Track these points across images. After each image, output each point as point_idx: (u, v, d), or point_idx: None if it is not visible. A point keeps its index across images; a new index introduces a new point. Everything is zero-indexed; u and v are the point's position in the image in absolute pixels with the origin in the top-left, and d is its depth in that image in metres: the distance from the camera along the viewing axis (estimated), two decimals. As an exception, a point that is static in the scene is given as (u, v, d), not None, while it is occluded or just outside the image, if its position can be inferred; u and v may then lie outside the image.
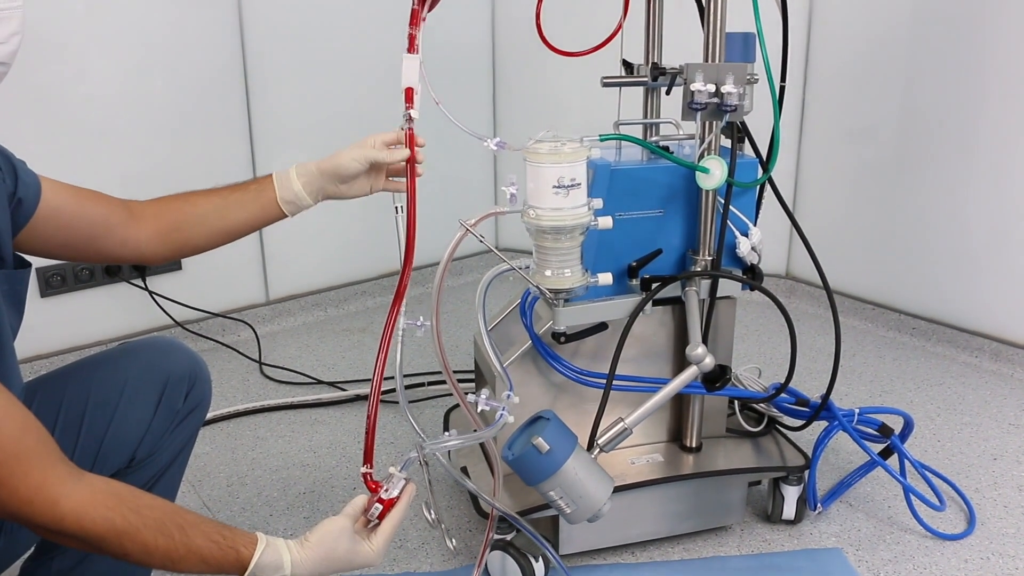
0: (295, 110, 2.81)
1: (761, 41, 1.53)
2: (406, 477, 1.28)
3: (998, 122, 2.44)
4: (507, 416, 1.30)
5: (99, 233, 1.34)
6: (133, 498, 1.06)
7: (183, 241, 1.41)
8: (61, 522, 1.01)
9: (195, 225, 1.41)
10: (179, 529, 1.07)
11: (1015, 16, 2.35)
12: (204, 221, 1.41)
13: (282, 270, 2.94)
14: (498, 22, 3.27)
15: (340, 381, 2.52)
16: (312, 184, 1.42)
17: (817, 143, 2.96)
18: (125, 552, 1.04)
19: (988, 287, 2.56)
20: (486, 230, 3.46)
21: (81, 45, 2.39)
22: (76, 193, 1.32)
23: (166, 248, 1.41)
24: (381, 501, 1.24)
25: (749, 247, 1.62)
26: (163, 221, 1.39)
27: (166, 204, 1.41)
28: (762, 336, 2.81)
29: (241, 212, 1.42)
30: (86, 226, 1.32)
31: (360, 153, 1.39)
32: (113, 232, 1.35)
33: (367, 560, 1.21)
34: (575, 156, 1.32)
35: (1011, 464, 2.05)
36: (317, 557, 1.15)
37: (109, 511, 1.03)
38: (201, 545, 1.08)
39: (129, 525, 1.03)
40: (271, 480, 2.02)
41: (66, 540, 1.04)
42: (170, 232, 1.40)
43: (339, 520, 1.20)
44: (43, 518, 1.00)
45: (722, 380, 1.57)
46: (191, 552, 1.07)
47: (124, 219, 1.36)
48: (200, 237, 1.42)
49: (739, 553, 1.74)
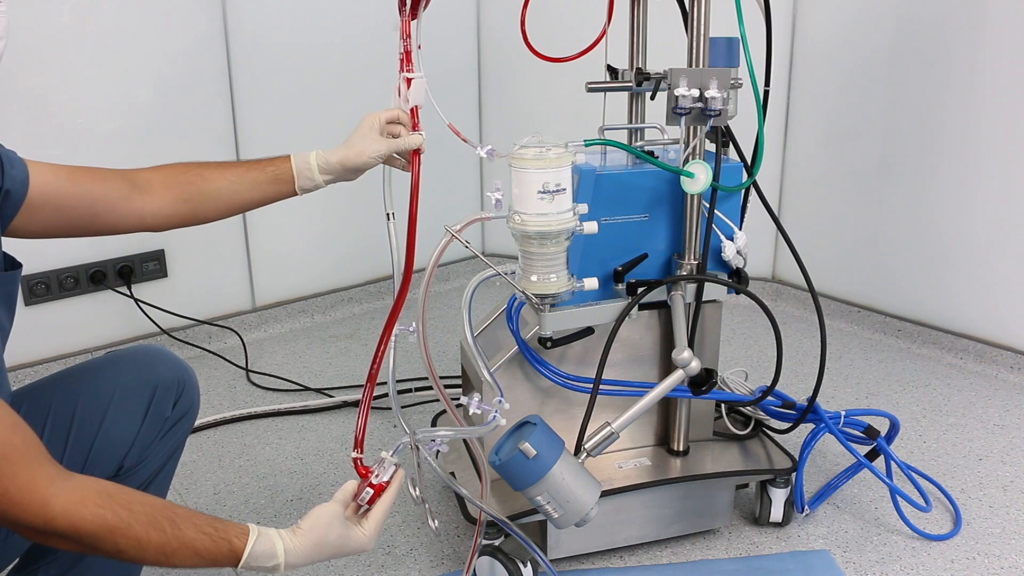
0: (280, 115, 2.81)
1: (745, 46, 1.54)
2: (396, 463, 1.28)
3: (981, 126, 2.46)
4: (500, 418, 1.31)
5: (101, 210, 1.34)
6: (123, 495, 1.06)
7: (191, 212, 1.41)
8: (52, 522, 1.00)
9: (207, 199, 1.41)
10: (171, 523, 1.07)
11: (998, 20, 2.38)
12: (217, 196, 1.41)
13: (268, 277, 2.93)
14: (483, 30, 3.28)
15: (327, 388, 2.51)
16: (332, 176, 1.44)
17: (802, 147, 2.97)
18: (118, 549, 1.03)
19: (973, 289, 2.58)
20: (472, 236, 3.46)
21: (66, 52, 2.38)
22: (71, 173, 1.31)
23: (174, 218, 1.41)
24: (372, 486, 1.24)
25: (735, 251, 1.63)
26: (173, 192, 1.39)
27: (177, 174, 1.41)
28: (748, 339, 2.82)
29: (255, 192, 1.42)
30: (86, 205, 1.32)
31: (377, 148, 1.40)
32: (116, 207, 1.35)
33: (359, 545, 1.20)
34: (560, 161, 1.33)
35: (996, 464, 2.06)
36: (310, 544, 1.15)
37: (100, 508, 1.02)
38: (194, 537, 1.07)
39: (121, 521, 1.03)
40: (259, 487, 2.01)
41: (57, 541, 1.03)
42: (179, 203, 1.40)
43: (330, 506, 1.20)
44: (33, 519, 0.99)
45: (708, 384, 1.57)
46: (184, 545, 1.07)
47: (126, 192, 1.36)
48: (210, 211, 1.42)
49: (727, 556, 1.74)
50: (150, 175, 1.40)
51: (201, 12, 2.60)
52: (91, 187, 1.33)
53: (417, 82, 1.35)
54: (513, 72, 3.27)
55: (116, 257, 2.57)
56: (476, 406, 1.31)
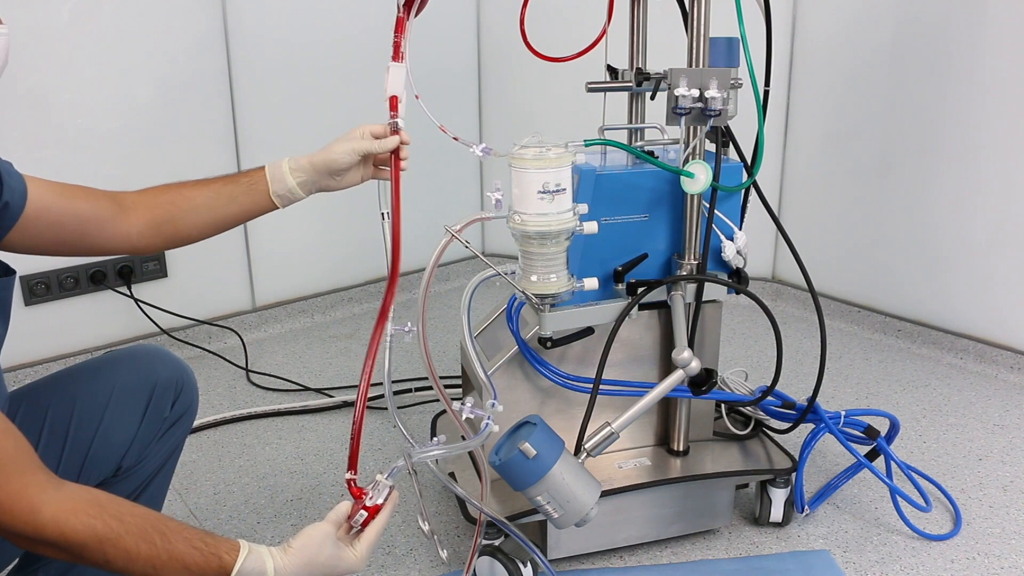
0: (280, 116, 2.81)
1: (745, 46, 1.54)
2: (391, 484, 1.27)
3: (981, 126, 2.46)
4: (492, 426, 1.30)
5: (90, 229, 1.34)
6: (114, 505, 1.05)
7: (174, 232, 1.42)
8: (42, 530, 1.00)
9: (187, 218, 1.41)
10: (161, 536, 1.06)
11: (998, 20, 2.38)
12: (196, 214, 1.41)
13: (268, 277, 2.93)
14: (483, 30, 3.27)
15: (327, 388, 2.51)
16: (305, 178, 1.42)
17: (802, 147, 2.97)
18: (107, 559, 1.03)
19: (973, 289, 2.58)
20: (472, 236, 3.46)
21: (65, 51, 2.38)
22: (63, 190, 1.31)
23: (158, 240, 1.41)
24: (365, 508, 1.23)
25: (735, 251, 1.63)
26: (155, 213, 1.39)
27: (158, 195, 1.41)
28: (748, 339, 2.82)
29: (233, 206, 1.42)
30: (76, 223, 1.32)
31: (351, 146, 1.39)
32: (104, 227, 1.35)
33: (350, 567, 1.20)
34: (560, 161, 1.33)
35: (996, 464, 2.06)
36: (300, 563, 1.15)
37: (91, 518, 1.02)
38: (183, 551, 1.07)
39: (111, 531, 1.03)
40: (258, 488, 2.01)
41: (46, 549, 1.03)
42: (162, 224, 1.40)
43: (322, 526, 1.20)
44: (23, 526, 0.99)
45: (708, 384, 1.57)
46: (173, 559, 1.06)
47: (114, 213, 1.36)
48: (191, 229, 1.42)
49: (727, 556, 1.74)
50: (136, 198, 1.40)
51: (201, 12, 2.60)
52: (82, 205, 1.33)
53: (395, 70, 1.33)
54: (513, 72, 3.27)
55: (116, 257, 2.57)
56: (469, 411, 1.30)
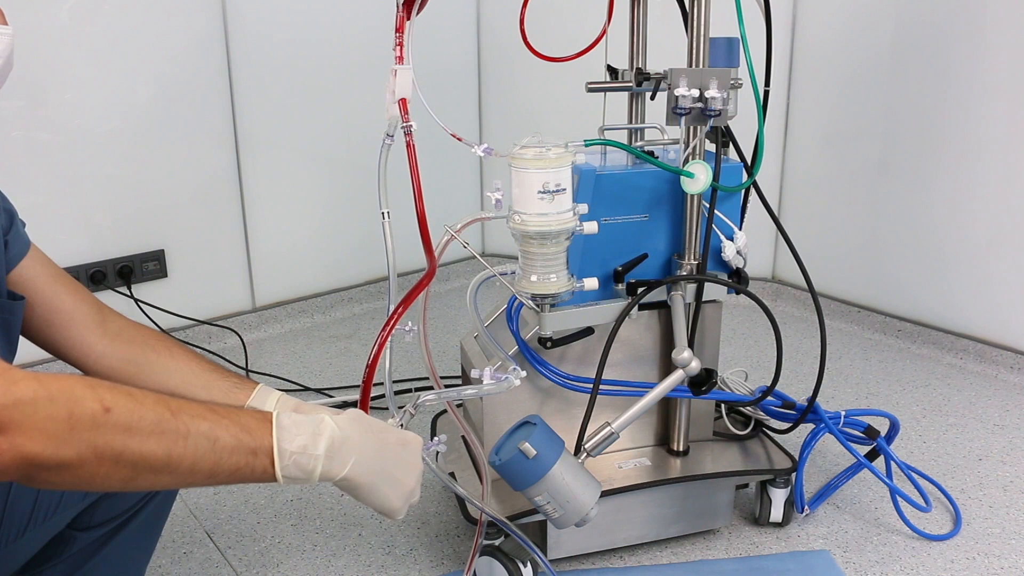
0: (280, 116, 2.81)
1: (745, 46, 1.54)
2: (401, 423, 1.24)
3: (981, 126, 2.46)
4: (513, 379, 1.32)
5: (56, 322, 1.28)
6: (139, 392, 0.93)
7: (133, 376, 1.31)
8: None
9: (156, 375, 1.32)
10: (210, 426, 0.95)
11: (998, 20, 2.38)
12: (166, 376, 1.32)
13: (268, 277, 2.93)
14: (483, 30, 3.28)
15: (327, 388, 2.51)
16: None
17: (802, 147, 2.97)
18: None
19: (972, 289, 2.58)
20: (473, 236, 3.46)
21: (65, 51, 2.38)
22: (56, 276, 1.27)
23: (115, 374, 1.31)
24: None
25: (735, 251, 1.63)
26: (131, 350, 1.32)
27: (146, 337, 1.34)
28: (748, 339, 2.82)
29: (202, 393, 1.31)
30: (47, 312, 1.27)
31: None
32: (70, 331, 1.29)
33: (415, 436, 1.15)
34: (560, 161, 1.33)
35: (996, 464, 2.06)
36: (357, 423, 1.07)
37: (88, 388, 0.88)
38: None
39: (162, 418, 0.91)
40: (259, 487, 2.01)
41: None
42: (128, 363, 1.32)
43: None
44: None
45: (708, 384, 1.57)
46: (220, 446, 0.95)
47: (91, 323, 1.30)
48: (151, 384, 1.30)
49: (727, 556, 1.74)
50: (122, 325, 1.34)
51: (201, 12, 2.60)
52: (64, 298, 1.28)
53: (403, 73, 1.32)
54: (513, 72, 3.27)
55: (116, 257, 2.57)
56: (491, 375, 1.32)
